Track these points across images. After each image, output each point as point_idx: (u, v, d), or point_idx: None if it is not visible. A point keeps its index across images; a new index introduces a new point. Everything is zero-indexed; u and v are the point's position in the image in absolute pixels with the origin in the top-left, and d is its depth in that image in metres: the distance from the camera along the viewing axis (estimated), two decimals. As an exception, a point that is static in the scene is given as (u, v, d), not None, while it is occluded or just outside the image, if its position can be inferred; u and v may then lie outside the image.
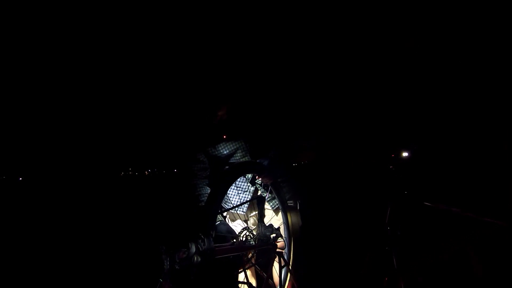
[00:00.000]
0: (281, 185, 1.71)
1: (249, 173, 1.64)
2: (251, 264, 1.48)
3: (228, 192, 1.72)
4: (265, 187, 1.67)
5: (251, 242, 1.48)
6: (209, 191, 1.69)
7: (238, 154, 1.71)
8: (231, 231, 1.57)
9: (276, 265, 1.60)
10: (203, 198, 1.73)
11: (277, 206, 1.76)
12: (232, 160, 1.73)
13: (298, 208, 1.83)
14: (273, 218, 1.75)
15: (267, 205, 1.72)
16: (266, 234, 1.53)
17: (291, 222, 1.73)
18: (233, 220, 1.81)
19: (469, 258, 1.74)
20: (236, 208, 1.70)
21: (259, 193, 1.72)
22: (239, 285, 1.41)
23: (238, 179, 1.71)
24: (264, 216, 1.60)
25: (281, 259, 1.56)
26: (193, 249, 1.10)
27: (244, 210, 1.74)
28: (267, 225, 1.58)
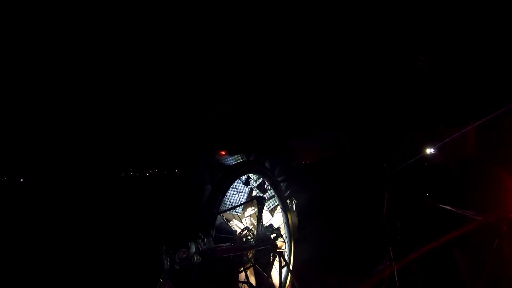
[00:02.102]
0: (280, 184, 1.71)
1: (249, 174, 1.64)
2: (251, 264, 1.48)
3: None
4: (262, 188, 1.67)
5: (251, 242, 1.48)
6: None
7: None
8: (231, 231, 1.58)
9: (276, 265, 1.61)
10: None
11: (273, 207, 1.76)
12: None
13: (294, 208, 1.83)
14: (270, 219, 1.75)
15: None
16: (266, 234, 1.53)
17: (291, 221, 1.72)
18: (229, 221, 1.81)
19: (453, 253, 1.81)
20: (234, 209, 1.70)
21: (253, 193, 1.73)
22: (239, 284, 1.41)
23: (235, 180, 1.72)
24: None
25: (281, 259, 1.56)
26: (193, 249, 1.09)
27: (239, 211, 1.74)
28: (267, 225, 1.58)
